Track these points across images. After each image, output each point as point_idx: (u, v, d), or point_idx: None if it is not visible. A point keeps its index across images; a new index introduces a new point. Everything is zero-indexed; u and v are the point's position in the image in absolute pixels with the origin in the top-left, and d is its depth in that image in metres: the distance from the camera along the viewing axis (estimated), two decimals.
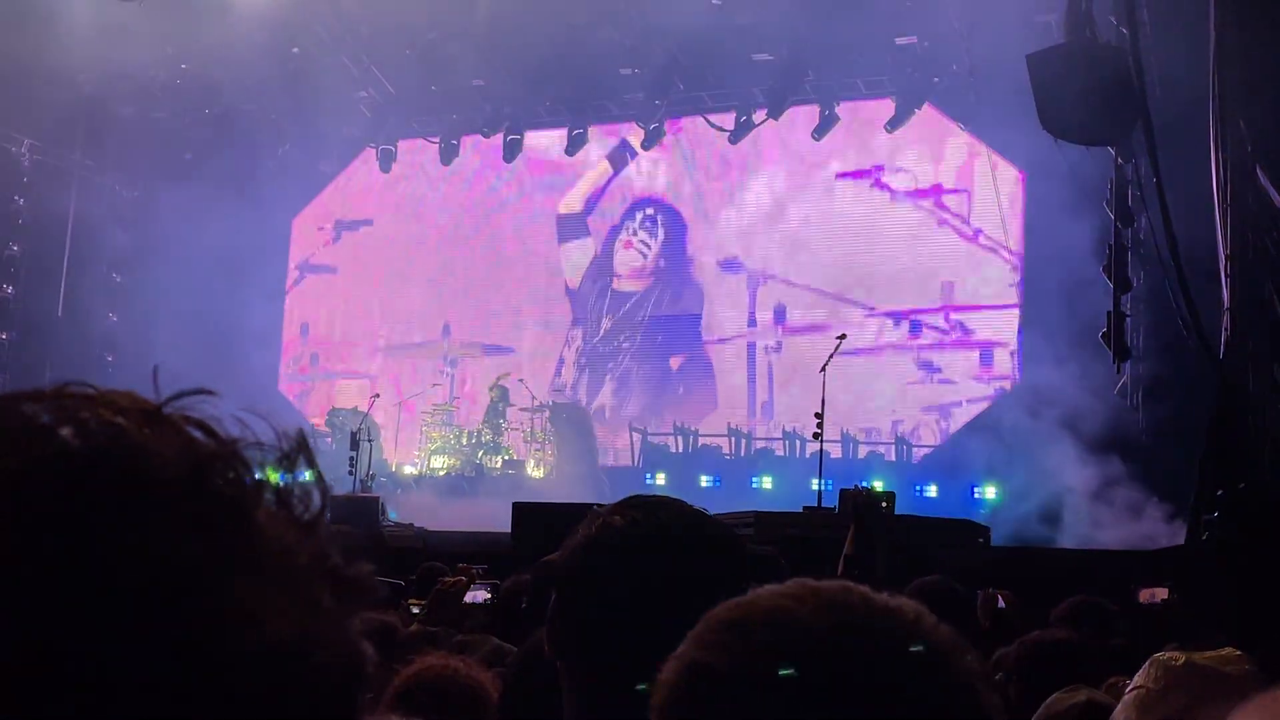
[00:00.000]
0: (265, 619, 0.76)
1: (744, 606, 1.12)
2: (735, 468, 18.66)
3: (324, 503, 0.86)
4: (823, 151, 19.96)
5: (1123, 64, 12.80)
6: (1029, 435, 15.82)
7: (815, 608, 1.09)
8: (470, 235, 22.23)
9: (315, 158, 22.59)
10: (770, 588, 1.15)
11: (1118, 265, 14.41)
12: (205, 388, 0.87)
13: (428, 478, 19.59)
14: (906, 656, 1.07)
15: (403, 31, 19.94)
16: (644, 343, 20.77)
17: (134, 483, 0.77)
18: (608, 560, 1.97)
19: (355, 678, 0.82)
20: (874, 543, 4.54)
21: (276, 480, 0.85)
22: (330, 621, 0.80)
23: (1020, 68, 13.70)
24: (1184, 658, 2.47)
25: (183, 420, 0.84)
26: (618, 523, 2.01)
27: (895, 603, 1.12)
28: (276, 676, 0.76)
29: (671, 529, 2.02)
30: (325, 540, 0.85)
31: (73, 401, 0.82)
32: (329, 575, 0.83)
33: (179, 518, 0.77)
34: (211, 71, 20.85)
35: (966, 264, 19.00)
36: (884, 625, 1.09)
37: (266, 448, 0.86)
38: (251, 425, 0.86)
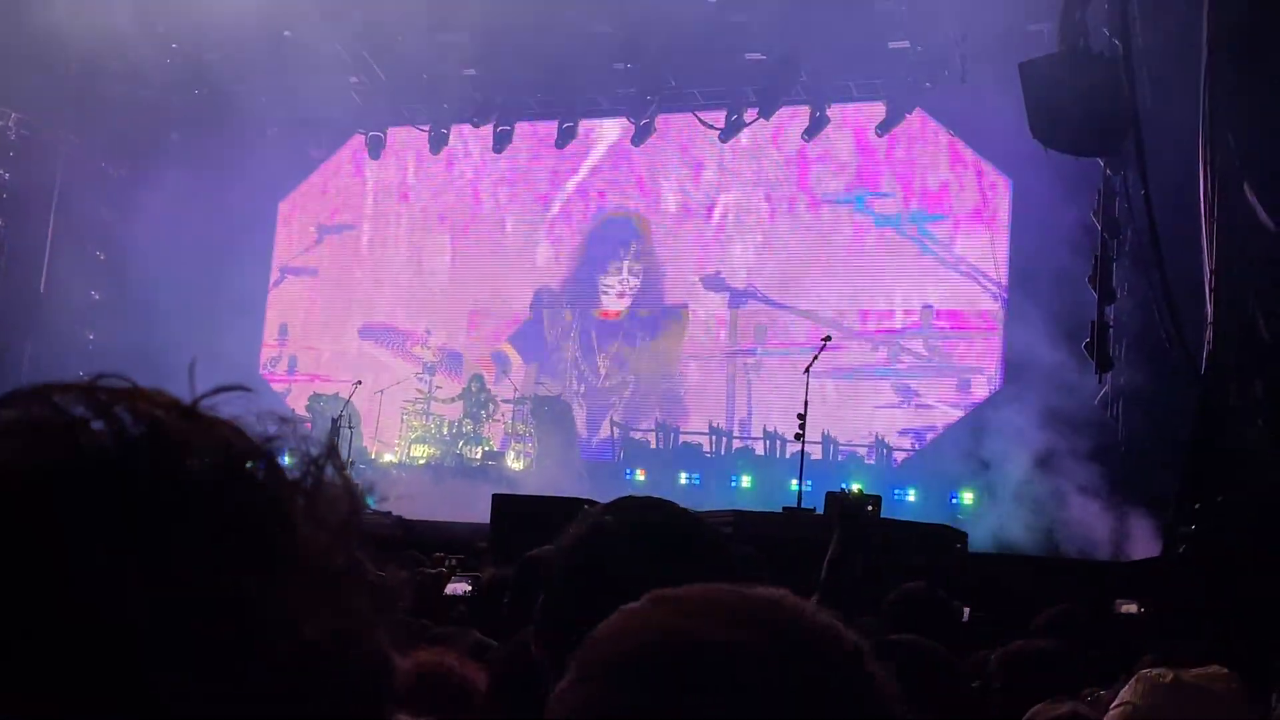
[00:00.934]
0: (300, 621, 0.75)
1: (638, 630, 1.01)
2: (715, 466, 18.68)
3: (356, 506, 0.85)
4: (808, 168, 19.94)
5: (1114, 76, 12.85)
6: (1009, 443, 15.86)
7: (735, 626, 0.98)
8: (455, 229, 22.14)
9: (304, 142, 22.50)
10: (637, 606, 1.05)
11: (1103, 276, 14.44)
12: (241, 385, 0.87)
13: (407, 466, 19.56)
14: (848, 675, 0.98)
15: (396, 18, 19.88)
16: (625, 346, 20.70)
17: (172, 479, 0.76)
18: (598, 561, 1.97)
19: (384, 685, 0.81)
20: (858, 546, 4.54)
21: (304, 480, 0.84)
22: (362, 627, 0.80)
23: (1012, 75, 13.74)
24: (1172, 675, 2.48)
25: (217, 419, 0.83)
26: (609, 523, 2.01)
27: (812, 611, 1.03)
28: (308, 680, 0.75)
29: (663, 530, 2.02)
30: (358, 543, 0.84)
31: (107, 395, 0.80)
32: (361, 579, 0.82)
33: (218, 516, 0.76)
34: (202, 52, 20.78)
35: (947, 289, 18.99)
36: (823, 646, 1.00)
37: (296, 447, 0.85)
38: (283, 426, 0.85)
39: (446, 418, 20.15)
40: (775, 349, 19.67)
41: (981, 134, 18.04)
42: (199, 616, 0.72)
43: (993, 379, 18.46)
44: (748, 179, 20.38)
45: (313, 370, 22.58)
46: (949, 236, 19.00)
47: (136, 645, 0.71)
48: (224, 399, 2.21)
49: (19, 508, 0.72)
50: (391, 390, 19.87)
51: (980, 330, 18.76)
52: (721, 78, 19.73)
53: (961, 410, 18.59)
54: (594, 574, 1.94)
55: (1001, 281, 18.57)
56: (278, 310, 23.07)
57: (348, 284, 22.74)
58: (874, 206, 19.54)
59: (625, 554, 1.95)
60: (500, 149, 21.51)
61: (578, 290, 21.19)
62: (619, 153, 21.06)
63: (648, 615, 1.02)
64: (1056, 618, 5.15)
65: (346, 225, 22.82)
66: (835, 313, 19.40)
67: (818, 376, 14.68)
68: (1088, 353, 14.51)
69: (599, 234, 21.23)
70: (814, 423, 14.50)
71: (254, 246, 22.59)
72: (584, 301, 21.10)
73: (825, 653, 0.99)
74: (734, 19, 18.43)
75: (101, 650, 0.70)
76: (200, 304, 20.84)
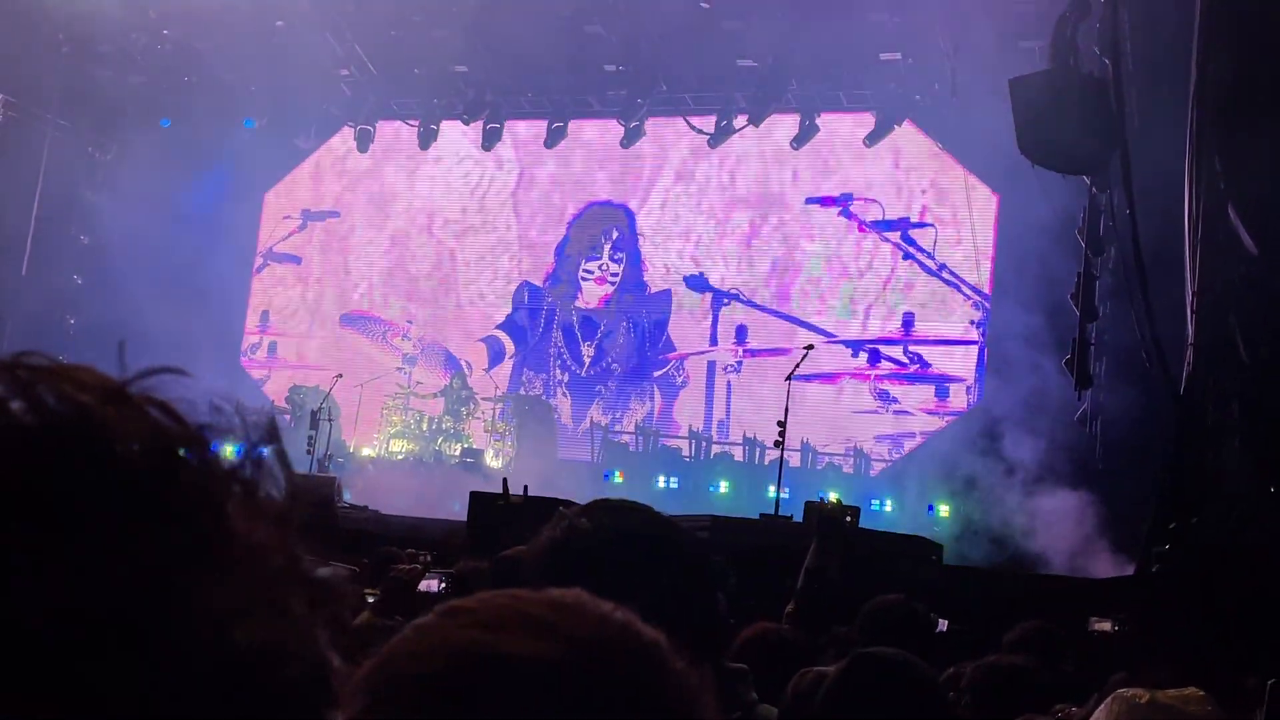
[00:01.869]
0: (233, 624, 0.70)
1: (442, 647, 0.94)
2: (694, 470, 18.69)
3: (295, 496, 0.80)
4: (795, 172, 20.00)
5: (1104, 94, 12.91)
6: (986, 456, 15.92)
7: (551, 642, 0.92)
8: (441, 225, 22.12)
9: (292, 133, 22.44)
10: (430, 620, 0.98)
11: (1085, 294, 14.51)
12: (175, 366, 0.80)
13: (386, 460, 19.53)
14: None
15: (389, 12, 19.87)
16: (612, 348, 20.71)
17: (97, 466, 0.70)
18: (573, 563, 1.97)
19: (321, 692, 0.76)
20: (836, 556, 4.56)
21: (241, 469, 0.78)
22: (299, 630, 0.75)
23: (1002, 91, 13.80)
24: (1148, 695, 2.48)
25: (149, 401, 0.76)
26: (584, 525, 2.01)
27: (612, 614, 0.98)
28: (240, 688, 0.70)
29: (638, 534, 2.02)
30: (296, 538, 0.78)
31: (28, 374, 0.73)
32: (300, 578, 0.76)
33: (146, 508, 0.70)
34: (193, 40, 20.72)
35: (930, 297, 19.07)
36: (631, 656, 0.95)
37: (234, 433, 0.80)
38: (221, 410, 0.79)
39: (426, 413, 20.13)
40: (756, 351, 19.73)
41: (970, 148, 18.10)
42: (121, 615, 0.67)
43: (972, 389, 18.53)
44: (734, 180, 20.42)
45: (292, 357, 22.55)
46: (933, 245, 19.07)
47: (52, 644, 0.65)
48: (198, 386, 2.21)
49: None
50: (372, 384, 19.83)
51: (961, 340, 18.83)
52: (713, 83, 19.77)
53: (940, 419, 18.66)
54: (567, 577, 1.94)
55: (984, 292, 18.65)
56: (260, 297, 23.02)
57: (330, 272, 22.71)
58: (859, 212, 19.60)
59: (599, 557, 1.95)
60: (489, 146, 21.50)
61: (560, 281, 21.24)
62: (607, 152, 21.07)
63: (443, 629, 0.95)
64: (1029, 634, 5.16)
65: (331, 212, 22.79)
66: (817, 316, 19.46)
67: (797, 379, 14.70)
68: (1068, 369, 14.57)
69: (582, 225, 21.27)
70: (792, 426, 14.54)
71: (238, 234, 22.51)
72: (566, 292, 21.14)
73: (626, 656, 0.94)
74: (727, 25, 18.46)
75: (14, 648, 0.65)
76: (183, 290, 20.73)
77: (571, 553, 1.98)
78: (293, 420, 19.82)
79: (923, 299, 19.10)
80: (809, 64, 18.79)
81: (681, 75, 19.79)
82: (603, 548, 1.98)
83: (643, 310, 20.68)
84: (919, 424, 18.79)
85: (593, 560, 1.95)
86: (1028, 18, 16.40)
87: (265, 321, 22.87)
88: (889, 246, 19.36)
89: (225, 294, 22.11)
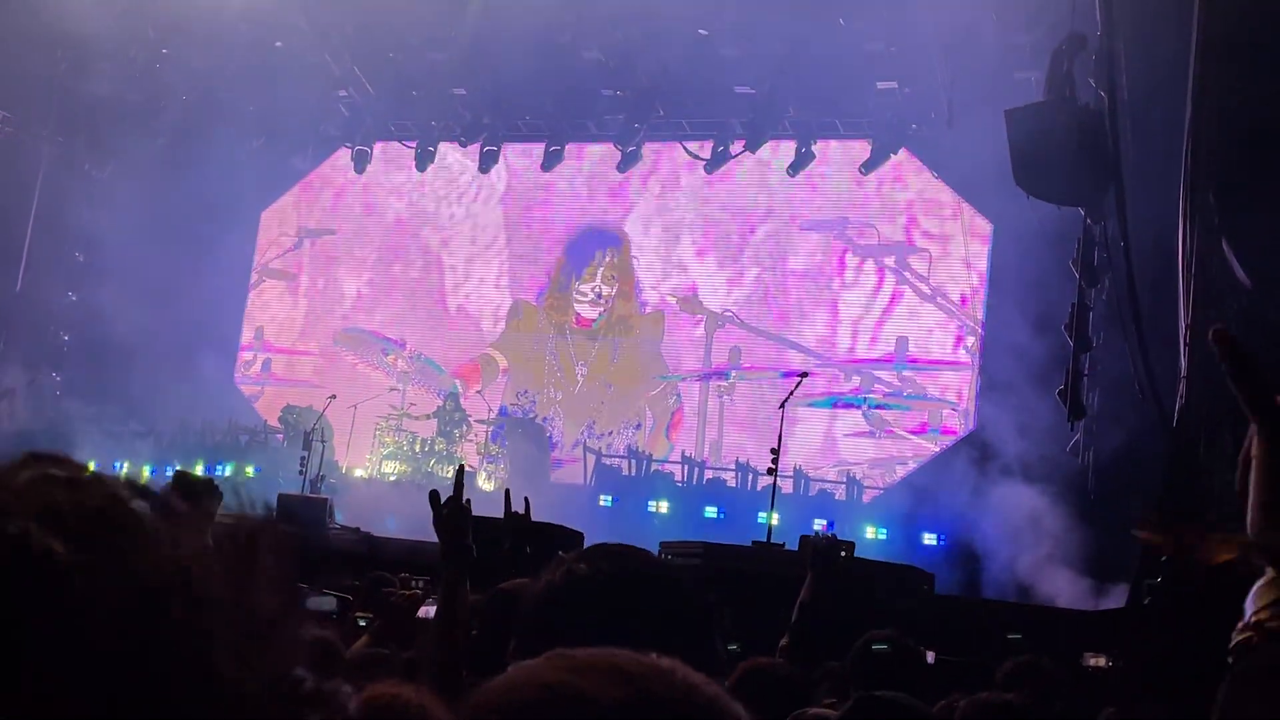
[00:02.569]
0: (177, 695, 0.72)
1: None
2: (686, 495, 18.66)
3: (260, 538, 0.82)
4: (791, 197, 20.06)
5: (1099, 127, 12.97)
6: (978, 486, 15.92)
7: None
8: (437, 244, 22.17)
9: (289, 153, 22.48)
10: (534, 662, 1.06)
11: (1079, 324, 14.54)
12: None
13: (377, 482, 19.49)
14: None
15: (388, 34, 19.94)
16: (604, 369, 20.76)
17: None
18: (571, 608, 1.97)
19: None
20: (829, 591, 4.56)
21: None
22: (248, 696, 0.76)
23: (998, 121, 13.86)
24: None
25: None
26: (582, 571, 2.02)
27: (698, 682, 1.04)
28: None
29: (636, 579, 2.03)
30: (255, 592, 0.80)
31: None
32: (256, 635, 0.78)
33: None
34: (192, 59, 20.77)
35: (923, 323, 19.12)
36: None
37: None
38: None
39: (419, 435, 20.10)
40: (750, 373, 19.77)
41: (965, 177, 18.15)
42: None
43: (965, 415, 18.56)
44: (729, 203, 20.48)
45: (286, 375, 22.56)
46: (927, 270, 19.13)
47: None
48: (193, 405, 2.17)
49: None
50: (366, 405, 19.81)
51: (954, 366, 18.88)
52: (710, 109, 19.85)
53: (932, 444, 18.69)
54: (566, 622, 1.95)
55: (978, 319, 18.69)
56: (255, 313, 23.04)
57: (325, 289, 22.74)
58: (853, 236, 19.67)
59: (598, 602, 1.96)
60: (486, 169, 21.56)
61: (555, 300, 21.29)
62: (603, 175, 21.14)
63: (539, 670, 1.04)
64: (1020, 669, 5.14)
65: (327, 230, 22.83)
66: (812, 340, 19.51)
67: (789, 401, 14.68)
68: (1061, 399, 14.59)
69: (577, 244, 21.34)
70: (784, 448, 14.49)
71: (234, 251, 22.54)
72: (560, 311, 21.19)
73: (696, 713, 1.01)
74: (725, 52, 18.55)
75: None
76: (178, 308, 20.77)
77: (570, 597, 1.99)
78: (285, 440, 19.83)
79: (916, 323, 19.15)
80: (806, 91, 18.87)
81: (679, 101, 19.86)
82: (602, 593, 1.98)
83: (635, 331, 20.73)
84: (911, 448, 18.82)
85: (591, 605, 1.96)
86: (1024, 49, 16.49)
87: (260, 338, 22.90)
88: (883, 271, 19.42)
89: (220, 311, 22.14)
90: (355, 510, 17.12)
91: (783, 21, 17.41)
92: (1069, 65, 13.37)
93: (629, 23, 18.38)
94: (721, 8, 17.74)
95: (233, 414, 21.12)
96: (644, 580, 2.03)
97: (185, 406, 20.56)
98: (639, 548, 2.15)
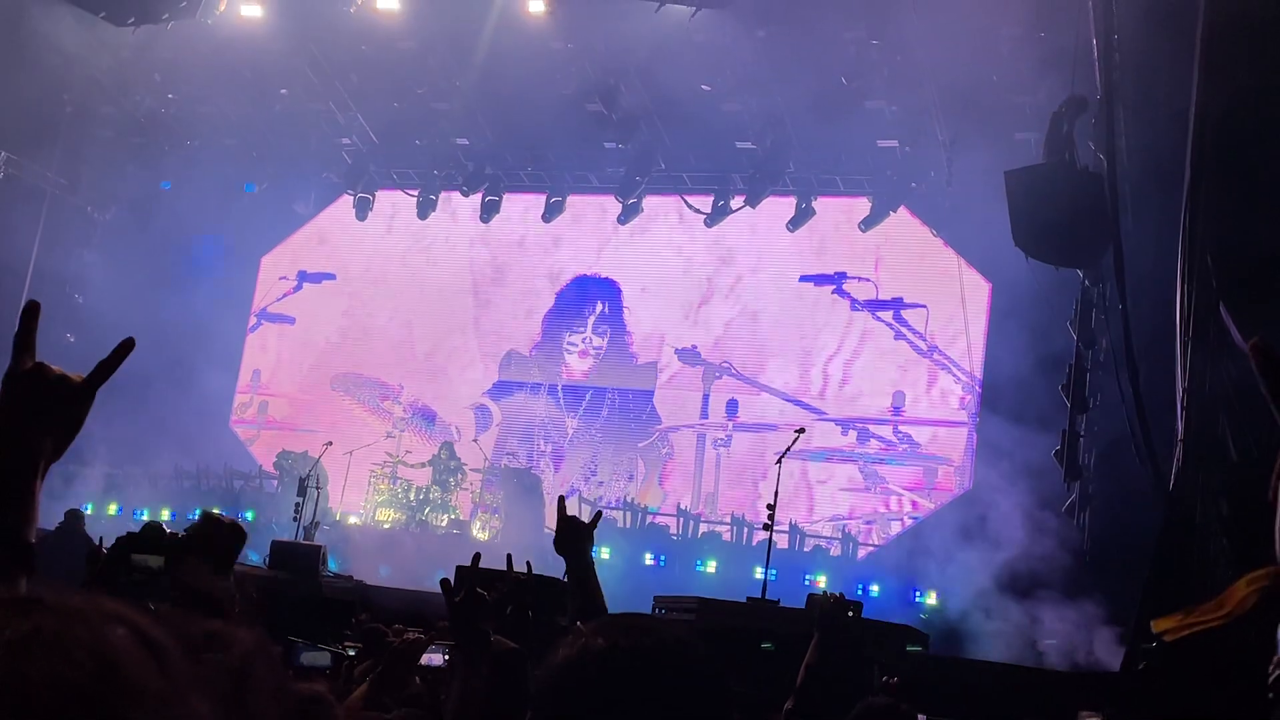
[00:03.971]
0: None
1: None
2: (681, 549, 18.61)
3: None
4: (790, 251, 20.14)
5: (1098, 190, 13.04)
6: (974, 545, 15.87)
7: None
8: (435, 291, 22.20)
9: (291, 199, 22.56)
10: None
11: (1076, 385, 14.57)
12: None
13: (371, 529, 19.43)
14: None
15: (392, 84, 20.08)
16: (596, 419, 20.77)
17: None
18: (587, 684, 1.96)
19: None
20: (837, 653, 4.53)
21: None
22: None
23: (998, 182, 13.93)
24: None
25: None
26: (599, 645, 2.00)
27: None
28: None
29: (654, 655, 2.01)
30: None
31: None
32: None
33: None
34: (197, 105, 20.90)
35: (920, 378, 19.16)
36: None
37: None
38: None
39: (414, 483, 20.07)
40: (746, 425, 19.78)
41: (964, 236, 18.23)
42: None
43: (961, 471, 18.55)
44: (728, 256, 20.56)
45: (283, 418, 22.53)
46: (924, 327, 19.18)
47: None
48: (188, 449, 2.12)
49: None
50: (361, 451, 19.79)
51: (950, 423, 18.88)
52: (711, 163, 19.97)
53: (928, 499, 18.67)
54: (582, 697, 1.93)
55: (975, 376, 18.71)
56: (252, 356, 23.05)
57: (324, 334, 22.76)
58: (852, 291, 19.73)
59: (614, 678, 1.94)
60: (488, 219, 21.65)
61: (546, 351, 21.33)
62: (602, 225, 21.23)
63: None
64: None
65: (327, 274, 22.89)
66: (808, 393, 19.54)
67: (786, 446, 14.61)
68: (1057, 460, 14.59)
69: (570, 296, 21.43)
70: (780, 501, 14.43)
71: (234, 295, 22.58)
72: (552, 362, 21.23)
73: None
74: (727, 107, 18.68)
75: None
76: (176, 350, 20.75)
77: (584, 672, 1.97)
78: (280, 486, 19.79)
79: (913, 379, 19.18)
80: (807, 148, 18.99)
81: (680, 155, 19.99)
82: (618, 669, 1.97)
83: (628, 381, 20.76)
84: (907, 504, 18.80)
85: (608, 681, 1.94)
86: (1024, 110, 16.62)
87: (257, 381, 22.89)
88: (881, 326, 19.47)
89: (218, 354, 22.13)
90: (349, 557, 17.06)
91: (784, 78, 17.54)
92: (1069, 127, 13.46)
93: (632, 76, 18.53)
94: (724, 63, 17.88)
95: (228, 459, 21.09)
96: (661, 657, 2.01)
97: (181, 450, 20.52)
98: (656, 621, 2.14)
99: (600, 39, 18.09)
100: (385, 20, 18.41)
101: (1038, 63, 15.83)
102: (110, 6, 17.36)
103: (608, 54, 18.29)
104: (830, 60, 17.19)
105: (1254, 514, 7.27)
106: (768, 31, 17.26)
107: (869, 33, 16.89)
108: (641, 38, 17.30)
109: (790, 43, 17.17)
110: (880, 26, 16.78)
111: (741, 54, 17.47)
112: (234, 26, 18.75)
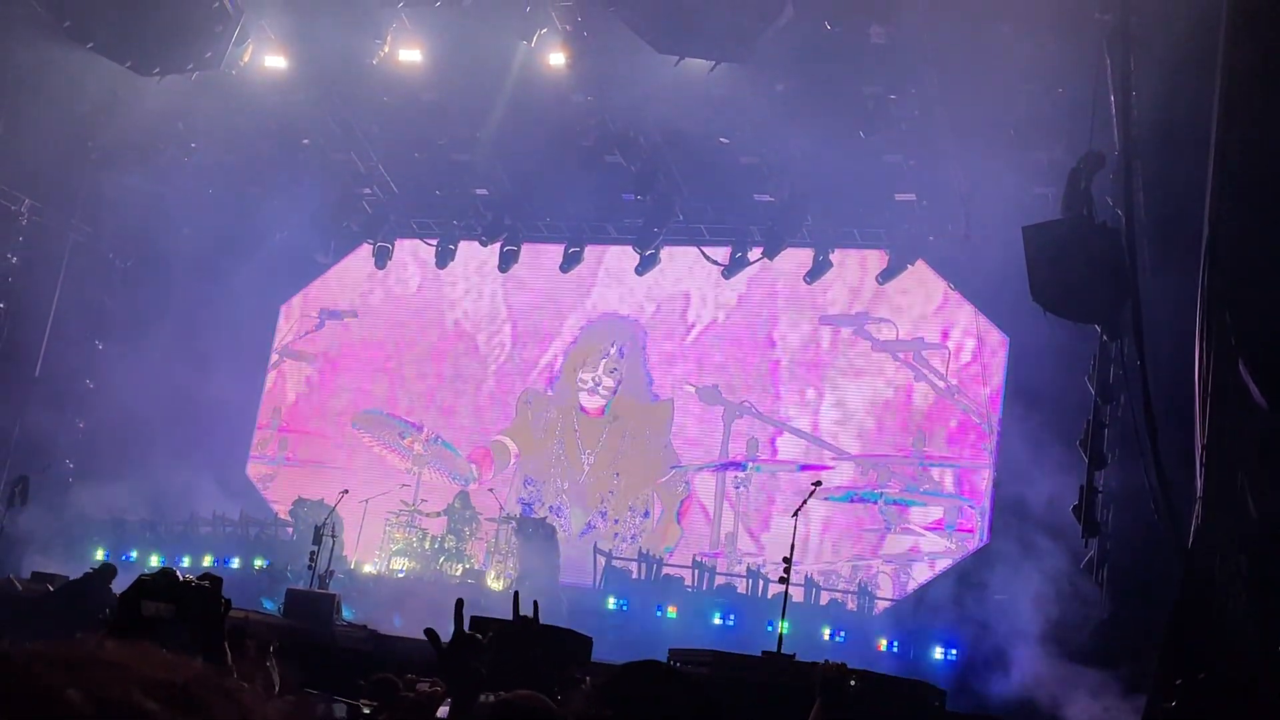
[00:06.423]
0: None
1: None
2: (696, 601, 18.52)
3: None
4: (810, 291, 20.21)
5: (1116, 246, 13.04)
6: (992, 601, 15.78)
7: None
8: (454, 341, 22.34)
9: (312, 247, 22.71)
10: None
11: (1094, 442, 14.50)
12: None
13: (386, 578, 19.38)
14: None
15: (414, 135, 20.27)
16: (613, 456, 20.82)
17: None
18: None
19: None
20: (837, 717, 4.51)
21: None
22: None
23: (1015, 236, 13.94)
24: None
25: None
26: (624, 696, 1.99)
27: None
28: None
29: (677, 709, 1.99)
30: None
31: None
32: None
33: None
34: (220, 154, 21.09)
35: (941, 420, 19.16)
36: None
37: None
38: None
39: (429, 532, 20.04)
40: (765, 465, 19.80)
41: (982, 290, 18.26)
42: None
43: (982, 514, 18.49)
44: (748, 295, 20.64)
45: (303, 456, 22.63)
46: (945, 367, 19.20)
47: None
48: (204, 496, 2.14)
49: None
50: (377, 500, 19.79)
51: (970, 463, 18.86)
52: (729, 216, 20.06)
53: (948, 541, 18.63)
54: None
55: (994, 429, 18.68)
56: (273, 393, 23.18)
57: (344, 372, 22.90)
58: (872, 331, 19.78)
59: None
60: (506, 268, 21.77)
61: (563, 388, 21.46)
62: (621, 275, 21.34)
63: None
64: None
65: (348, 312, 23.06)
66: (828, 433, 19.56)
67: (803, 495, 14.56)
68: (1075, 516, 14.50)
69: (588, 336, 21.59)
70: (797, 539, 14.33)
71: (253, 340, 22.74)
72: (568, 399, 21.36)
73: None
74: (745, 160, 18.79)
75: None
76: (195, 397, 20.86)
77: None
78: (295, 534, 19.79)
79: (934, 420, 19.18)
80: (825, 201, 19.06)
81: (698, 207, 20.08)
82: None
83: (646, 419, 20.80)
84: (927, 544, 18.77)
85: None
86: (1042, 164, 16.67)
87: (277, 417, 23.03)
88: (900, 366, 19.51)
89: (238, 397, 22.25)
90: (363, 606, 17.02)
91: (803, 132, 17.63)
92: (1087, 183, 13.48)
93: (651, 128, 18.65)
94: (743, 117, 17.98)
95: (244, 506, 21.12)
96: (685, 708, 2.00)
97: (196, 497, 20.56)
98: (675, 671, 2.13)
99: (620, 92, 18.22)
100: (407, 72, 18.58)
101: (1056, 118, 15.89)
102: (136, 56, 17.56)
103: (627, 106, 18.42)
104: (848, 114, 17.27)
105: (1275, 573, 7.22)
106: (786, 86, 17.36)
107: (887, 87, 16.98)
108: (661, 91, 17.42)
109: (808, 97, 17.26)
110: (898, 81, 16.87)
111: (760, 107, 17.57)
112: (258, 77, 18.95)
